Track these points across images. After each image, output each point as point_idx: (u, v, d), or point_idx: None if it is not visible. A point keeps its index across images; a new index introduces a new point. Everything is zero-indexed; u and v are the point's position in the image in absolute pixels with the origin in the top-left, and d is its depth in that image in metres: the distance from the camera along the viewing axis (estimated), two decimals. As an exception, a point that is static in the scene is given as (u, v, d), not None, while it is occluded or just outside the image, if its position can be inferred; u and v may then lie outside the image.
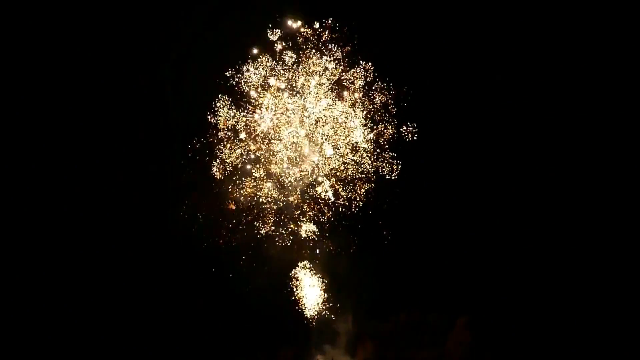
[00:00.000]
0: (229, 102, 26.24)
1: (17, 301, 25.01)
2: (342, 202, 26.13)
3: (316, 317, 25.92)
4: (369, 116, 26.42)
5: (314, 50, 26.29)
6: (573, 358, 24.64)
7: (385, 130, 26.40)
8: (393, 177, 26.26)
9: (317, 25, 26.39)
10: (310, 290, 26.00)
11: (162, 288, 25.79)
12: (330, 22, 26.37)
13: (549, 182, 26.35)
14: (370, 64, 26.47)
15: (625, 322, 24.58)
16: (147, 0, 26.65)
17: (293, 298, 26.03)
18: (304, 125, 26.19)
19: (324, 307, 25.99)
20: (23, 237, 25.52)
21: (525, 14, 26.76)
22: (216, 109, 26.24)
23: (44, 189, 25.90)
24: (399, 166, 26.30)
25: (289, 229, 26.03)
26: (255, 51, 26.35)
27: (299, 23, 26.40)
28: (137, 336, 25.30)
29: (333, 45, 26.33)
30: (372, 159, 26.32)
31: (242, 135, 26.19)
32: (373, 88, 26.49)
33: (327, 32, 26.40)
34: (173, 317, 25.72)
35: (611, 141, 26.10)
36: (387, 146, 26.41)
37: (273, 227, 26.02)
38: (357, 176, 26.24)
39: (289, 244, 26.05)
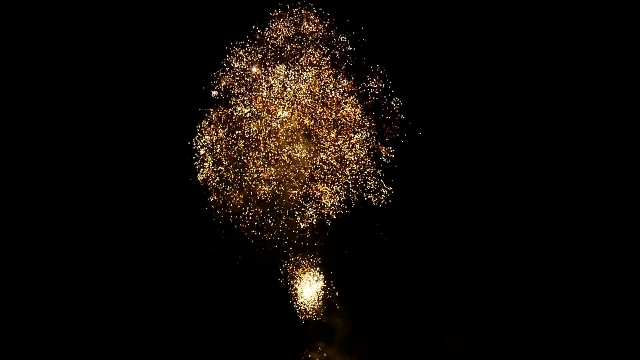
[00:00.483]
0: (228, 102, 26.40)
1: (17, 301, 25.16)
2: (340, 202, 26.18)
3: (313, 316, 26.03)
4: (368, 115, 26.44)
5: (312, 48, 26.32)
6: (572, 358, 24.69)
7: (384, 130, 26.41)
8: (392, 177, 26.31)
9: (316, 24, 26.41)
10: (307, 289, 26.10)
11: (160, 288, 25.90)
12: (329, 18, 26.42)
13: (549, 183, 26.30)
14: (369, 63, 26.48)
15: (624, 321, 24.58)
16: (146, 0, 26.81)
17: (290, 297, 26.12)
18: (301, 125, 26.23)
19: (320, 306, 26.08)
20: (22, 237, 25.66)
21: (524, 14, 26.70)
22: (215, 108, 26.41)
23: (44, 189, 26.06)
24: (398, 166, 26.32)
25: (286, 229, 26.11)
26: (253, 50, 26.41)
27: (298, 21, 26.44)
28: (137, 336, 25.42)
29: (332, 43, 26.37)
30: (371, 159, 26.35)
31: (240, 135, 26.28)
32: (372, 87, 26.49)
33: (326, 31, 26.44)
34: (171, 318, 25.83)
35: (611, 142, 26.02)
36: (386, 146, 26.44)
37: (270, 227, 26.13)
38: (355, 176, 26.28)
39: (285, 244, 26.14)
